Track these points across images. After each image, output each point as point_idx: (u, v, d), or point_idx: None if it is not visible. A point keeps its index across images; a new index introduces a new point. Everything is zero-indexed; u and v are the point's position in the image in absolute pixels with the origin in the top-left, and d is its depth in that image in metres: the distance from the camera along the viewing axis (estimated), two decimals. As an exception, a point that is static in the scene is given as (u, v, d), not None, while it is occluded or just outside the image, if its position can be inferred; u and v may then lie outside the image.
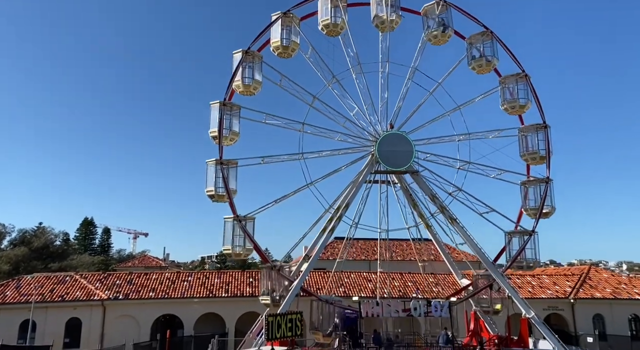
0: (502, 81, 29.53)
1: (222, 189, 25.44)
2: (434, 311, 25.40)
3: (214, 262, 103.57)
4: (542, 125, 28.94)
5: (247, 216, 25.69)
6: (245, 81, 26.42)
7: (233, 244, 24.98)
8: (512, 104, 28.99)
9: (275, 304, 24.86)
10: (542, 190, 28.15)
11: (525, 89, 29.06)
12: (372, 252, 50.51)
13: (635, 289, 39.43)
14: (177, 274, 40.21)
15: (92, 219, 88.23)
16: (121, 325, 33.23)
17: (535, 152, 28.57)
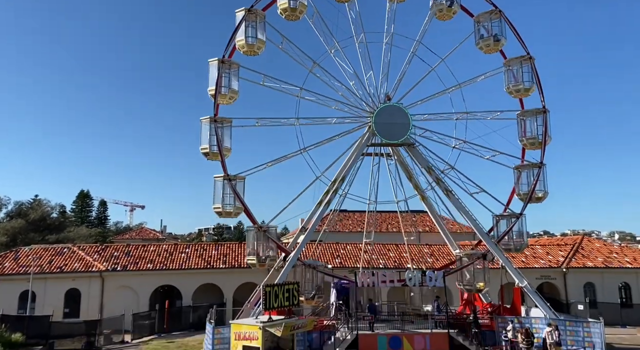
0: (507, 63, 29.18)
1: (216, 146, 25.22)
2: (428, 281, 25.87)
3: (211, 234, 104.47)
4: (541, 110, 28.75)
5: (237, 175, 25.57)
6: (249, 40, 25.79)
7: (223, 203, 24.98)
8: (517, 87, 28.76)
9: (261, 264, 25.20)
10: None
11: (530, 71, 28.77)
12: (376, 223, 50.91)
13: (626, 257, 40.15)
14: (174, 246, 40.55)
15: (88, 192, 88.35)
16: (120, 296, 33.71)
17: (534, 138, 28.50)
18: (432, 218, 31.42)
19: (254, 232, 25.47)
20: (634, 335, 30.77)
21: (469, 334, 24.99)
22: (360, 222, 51.24)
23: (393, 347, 24.21)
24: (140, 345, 27.78)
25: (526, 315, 26.39)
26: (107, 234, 74.32)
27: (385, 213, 49.41)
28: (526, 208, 28.18)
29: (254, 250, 25.27)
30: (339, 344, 23.83)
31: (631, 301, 37.84)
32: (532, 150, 28.82)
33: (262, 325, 18.31)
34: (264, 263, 25.35)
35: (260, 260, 25.18)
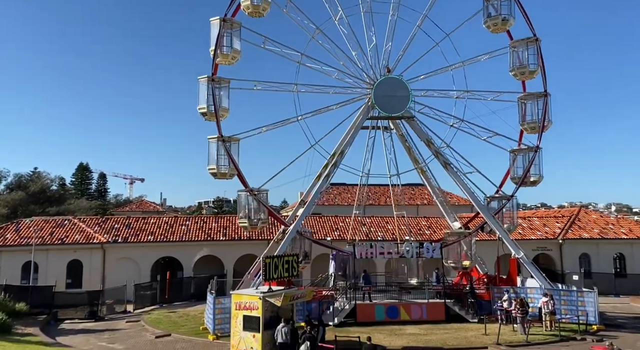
0: (513, 45, 28.68)
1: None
2: (426, 252, 26.22)
3: (210, 207, 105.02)
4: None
5: (231, 137, 25.52)
6: (255, 1, 25.29)
7: (218, 164, 25.05)
8: (522, 69, 28.38)
9: (253, 227, 25.56)
10: (540, 105, 27.97)
11: (535, 53, 28.30)
12: (366, 197, 51.13)
13: (622, 229, 40.60)
14: (175, 219, 40.81)
15: (87, 165, 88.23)
16: (121, 267, 34.18)
17: (535, 122, 28.26)
18: (430, 191, 31.54)
19: (245, 195, 25.62)
20: (626, 304, 31.41)
21: (465, 303, 25.51)
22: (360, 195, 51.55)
23: (390, 316, 24.74)
24: (143, 315, 28.31)
25: (522, 285, 26.85)
26: (107, 206, 74.65)
27: (384, 186, 49.60)
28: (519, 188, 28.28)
29: (245, 213, 25.52)
30: (337, 313, 24.34)
31: (625, 271, 38.50)
32: (531, 134, 28.68)
33: (262, 295, 18.57)
34: (256, 226, 25.77)
35: (252, 223, 25.54)
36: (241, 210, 26.12)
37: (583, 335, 22.06)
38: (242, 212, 25.99)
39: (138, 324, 26.11)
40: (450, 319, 24.73)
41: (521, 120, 28.78)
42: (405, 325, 23.93)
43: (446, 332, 22.67)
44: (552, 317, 23.07)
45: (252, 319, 18.52)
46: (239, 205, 26.47)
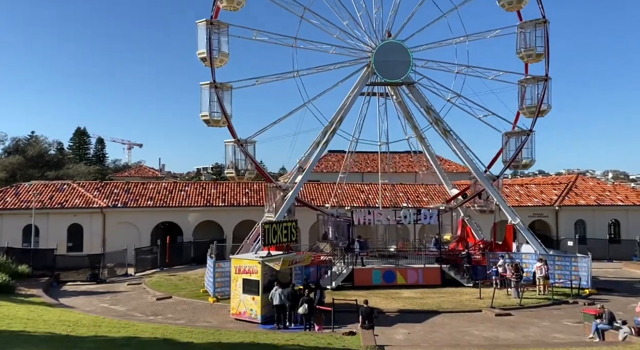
0: (521, 26, 28.16)
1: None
2: (423, 219, 26.47)
3: (209, 173, 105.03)
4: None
5: (224, 84, 25.39)
6: None
7: (210, 111, 25.02)
8: (529, 52, 28.03)
9: (240, 177, 25.76)
10: (540, 89, 27.85)
11: (542, 36, 27.75)
12: (364, 164, 51.27)
13: (618, 195, 40.92)
14: (174, 184, 40.93)
15: (85, 129, 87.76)
16: (122, 231, 34.52)
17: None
18: (429, 158, 31.52)
19: (233, 146, 25.66)
20: (618, 268, 32.05)
21: (461, 268, 25.98)
22: (357, 163, 51.60)
23: (387, 280, 25.24)
24: (143, 278, 28.81)
25: (517, 251, 27.28)
26: (106, 171, 74.70)
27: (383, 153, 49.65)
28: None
29: (232, 164, 25.62)
30: (335, 278, 24.81)
31: (619, 237, 39.09)
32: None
33: (262, 260, 18.90)
34: (243, 176, 25.92)
35: (239, 174, 25.69)
36: (228, 160, 26.16)
37: (575, 298, 22.63)
38: (229, 162, 26.06)
39: (139, 286, 26.64)
40: (445, 283, 25.25)
41: (520, 103, 28.59)
42: (402, 289, 24.45)
43: (441, 296, 23.19)
44: (545, 281, 23.59)
45: (251, 282, 18.93)
46: (226, 156, 26.38)
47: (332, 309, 17.74)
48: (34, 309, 18.91)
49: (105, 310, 21.01)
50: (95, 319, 17.73)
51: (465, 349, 14.21)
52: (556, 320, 19.23)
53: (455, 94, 28.54)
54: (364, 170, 50.37)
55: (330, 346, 13.62)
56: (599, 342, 15.63)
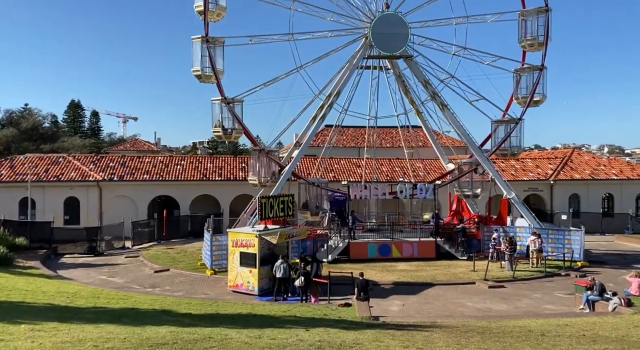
0: (522, 14, 27.69)
1: (208, 68, 24.67)
2: (419, 194, 26.60)
3: (205, 147, 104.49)
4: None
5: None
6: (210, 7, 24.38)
7: (202, 65, 24.70)
8: (531, 41, 27.56)
9: (227, 136, 25.68)
10: (535, 78, 27.66)
11: (544, 24, 27.26)
12: (361, 139, 51.00)
13: (612, 170, 41.20)
14: (170, 158, 40.82)
15: (79, 102, 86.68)
16: (118, 205, 34.60)
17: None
18: (426, 132, 31.45)
19: (219, 104, 25.43)
20: (611, 241, 32.55)
21: (456, 242, 26.30)
22: (354, 137, 51.45)
23: (382, 253, 25.55)
24: (141, 250, 29.06)
25: (511, 225, 27.58)
26: (101, 145, 74.25)
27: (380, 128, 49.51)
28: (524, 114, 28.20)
29: (219, 122, 25.36)
30: (331, 251, 25.09)
31: (613, 211, 39.54)
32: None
33: (259, 233, 19.05)
34: (230, 135, 25.85)
35: (226, 133, 25.56)
36: (215, 119, 25.93)
37: (567, 271, 23.03)
38: (215, 121, 25.84)
39: (137, 259, 26.88)
40: (440, 256, 25.60)
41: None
42: (397, 262, 24.79)
43: (436, 268, 23.54)
44: (538, 254, 23.96)
45: (249, 255, 19.14)
46: (213, 114, 26.09)
47: (328, 282, 18.01)
48: (33, 281, 19.10)
49: (104, 282, 21.26)
50: (93, 291, 17.96)
51: (458, 320, 14.51)
52: (548, 292, 19.61)
53: (449, 75, 28.26)
54: (360, 145, 50.24)
55: (326, 317, 13.88)
56: (589, 312, 16.00)
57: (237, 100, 25.54)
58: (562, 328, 12.25)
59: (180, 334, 8.68)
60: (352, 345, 8.17)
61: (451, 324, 13.20)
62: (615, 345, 9.16)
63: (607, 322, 13.09)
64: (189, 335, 8.65)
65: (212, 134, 26.81)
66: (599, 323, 13.05)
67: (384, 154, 42.64)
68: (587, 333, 11.28)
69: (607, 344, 9.35)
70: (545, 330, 11.66)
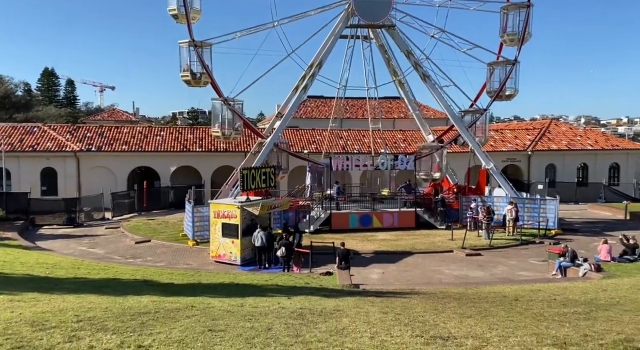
0: (505, 8, 27.50)
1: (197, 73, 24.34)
2: (400, 165, 26.83)
3: (185, 118, 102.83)
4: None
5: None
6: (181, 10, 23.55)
7: (191, 70, 24.36)
8: (512, 36, 27.50)
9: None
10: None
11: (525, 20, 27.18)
12: (344, 110, 50.84)
13: (588, 140, 42.14)
14: (149, 129, 40.13)
15: (53, 70, 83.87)
16: (97, 176, 34.08)
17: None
18: (407, 103, 31.45)
19: (220, 104, 25.14)
20: (584, 210, 33.58)
21: (435, 212, 26.79)
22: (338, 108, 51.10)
23: (363, 224, 25.92)
24: (121, 222, 28.86)
25: (489, 194, 28.14)
26: (78, 114, 72.42)
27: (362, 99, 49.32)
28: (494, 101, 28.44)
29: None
30: (313, 222, 25.32)
31: (587, 180, 40.66)
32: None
33: (241, 204, 19.08)
34: (229, 137, 25.65)
35: (226, 134, 25.22)
36: (215, 120, 25.68)
37: (542, 239, 23.78)
38: (216, 121, 25.59)
39: (117, 230, 26.74)
40: (419, 226, 26.10)
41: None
42: (377, 232, 25.19)
43: (415, 238, 24.03)
44: (514, 223, 24.61)
45: (231, 226, 19.21)
46: (213, 115, 25.93)
47: (310, 251, 18.25)
48: (10, 252, 18.90)
49: (84, 253, 21.15)
50: (73, 262, 17.88)
51: (436, 287, 14.94)
52: (523, 259, 20.27)
53: (439, 29, 28.01)
54: (343, 116, 50.10)
55: (307, 285, 14.14)
56: (561, 278, 16.64)
57: (206, 44, 24.76)
58: (535, 293, 12.72)
59: (162, 303, 8.76)
60: (332, 312, 8.37)
61: (429, 291, 13.59)
62: (584, 308, 9.58)
63: (577, 287, 13.65)
64: (171, 304, 8.73)
65: (212, 133, 26.24)
66: (570, 288, 13.59)
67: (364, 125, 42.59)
68: (558, 297, 11.75)
69: (576, 307, 9.77)
70: (519, 296, 12.10)
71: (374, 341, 6.07)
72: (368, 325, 7.06)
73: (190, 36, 24.22)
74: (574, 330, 6.90)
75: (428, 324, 7.29)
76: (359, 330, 6.69)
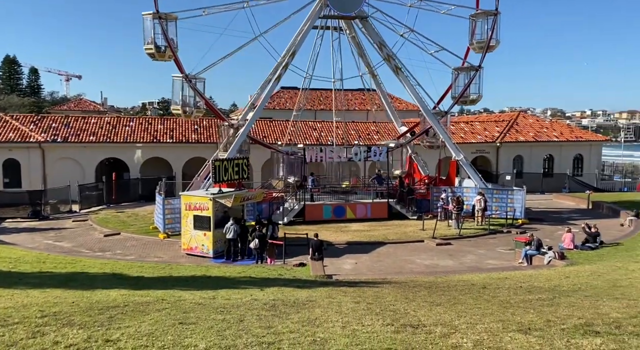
0: (473, 16, 28.09)
1: (162, 46, 23.78)
2: (373, 156, 27.04)
3: (156, 108, 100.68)
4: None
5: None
6: None
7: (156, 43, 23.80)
8: (481, 44, 28.08)
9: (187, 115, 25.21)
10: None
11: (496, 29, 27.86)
12: (318, 101, 50.77)
13: (554, 132, 43.45)
14: (117, 119, 39.07)
15: (15, 57, 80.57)
16: (63, 168, 33.06)
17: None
18: (380, 95, 31.64)
19: (181, 81, 24.57)
20: (549, 200, 34.65)
21: (407, 202, 27.17)
22: (311, 100, 50.96)
23: (337, 215, 26.05)
24: (89, 214, 28.15)
25: (459, 185, 28.70)
26: (42, 104, 69.98)
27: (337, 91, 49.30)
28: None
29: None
30: (287, 213, 25.29)
31: (552, 171, 41.96)
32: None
33: (213, 196, 18.88)
34: (190, 115, 25.39)
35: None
36: (175, 96, 25.04)
37: (509, 228, 24.45)
38: (176, 99, 24.98)
39: (85, 223, 26.08)
40: (392, 216, 26.41)
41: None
42: (351, 223, 25.38)
43: (387, 228, 24.33)
44: (483, 213, 25.22)
45: (202, 218, 19.00)
46: (173, 91, 25.13)
47: (283, 243, 18.25)
48: (-28, 248, 18.21)
49: (50, 247, 20.54)
50: (39, 256, 17.37)
51: (407, 276, 15.20)
52: (491, 248, 20.81)
53: (409, 28, 28.26)
54: (317, 107, 49.99)
55: (280, 277, 14.16)
56: (527, 266, 17.18)
57: (171, 17, 24.19)
58: (502, 281, 13.11)
59: (131, 297, 8.63)
60: (305, 303, 8.41)
61: (400, 280, 13.81)
62: (548, 295, 9.93)
63: (542, 274, 14.13)
64: (141, 297, 8.60)
65: (172, 111, 25.76)
66: (535, 275, 14.06)
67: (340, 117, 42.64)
68: (524, 285, 12.14)
69: (541, 294, 10.12)
70: (487, 283, 12.45)
71: (346, 330, 6.14)
72: (340, 315, 7.13)
73: (156, 6, 23.62)
74: (537, 316, 7.14)
75: (399, 313, 7.42)
76: (331, 320, 6.75)
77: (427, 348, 5.40)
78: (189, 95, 24.79)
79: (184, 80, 24.43)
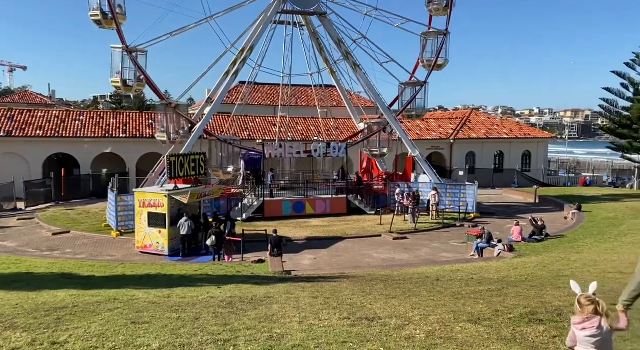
0: (424, 34, 28.81)
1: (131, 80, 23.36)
2: (332, 152, 27.23)
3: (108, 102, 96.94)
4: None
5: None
6: None
7: (123, 77, 23.17)
8: (430, 62, 28.86)
9: (127, 89, 24.17)
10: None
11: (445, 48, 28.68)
12: (277, 97, 50.53)
13: (504, 129, 45.21)
14: (67, 113, 37.33)
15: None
16: (7, 163, 31.32)
17: (440, 3, 28.49)
18: (340, 92, 31.87)
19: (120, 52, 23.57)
20: (499, 194, 36.06)
21: (365, 198, 27.56)
22: (270, 95, 50.68)
23: (297, 211, 26.08)
24: (36, 212, 26.86)
25: (415, 181, 29.38)
26: (-18, 96, 65.92)
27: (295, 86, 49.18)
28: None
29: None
30: (245, 210, 25.07)
31: (503, 167, 43.70)
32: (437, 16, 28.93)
33: (168, 193, 18.45)
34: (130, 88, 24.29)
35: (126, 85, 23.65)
36: (115, 69, 23.96)
37: (462, 222, 25.28)
38: (115, 71, 23.93)
39: (32, 221, 24.86)
40: (351, 212, 26.73)
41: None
42: (310, 218, 25.47)
43: (346, 223, 24.60)
44: (437, 207, 25.96)
45: (157, 216, 18.55)
46: (112, 63, 23.97)
47: (242, 240, 18.10)
48: None
49: (-7, 248, 19.47)
50: (-19, 258, 16.43)
51: (364, 270, 15.44)
52: (445, 242, 21.45)
53: (362, 35, 28.55)
54: (276, 103, 49.80)
55: (238, 274, 14.05)
56: (478, 258, 17.83)
57: (141, 51, 23.70)
58: (455, 273, 13.56)
59: (81, 297, 8.33)
60: (263, 299, 8.40)
61: (358, 274, 14.02)
62: (497, 286, 10.36)
63: (492, 266, 14.71)
64: (92, 297, 8.33)
65: (111, 83, 24.48)
66: (486, 267, 14.62)
67: (299, 113, 42.68)
68: (475, 276, 12.61)
69: (490, 285, 10.55)
70: (440, 276, 12.84)
71: (303, 326, 6.19)
72: (297, 311, 7.17)
73: (123, 41, 22.97)
74: (487, 307, 7.45)
75: (355, 306, 7.54)
76: (288, 316, 6.78)
77: (381, 340, 5.53)
78: (130, 68, 23.74)
79: (124, 51, 23.37)
